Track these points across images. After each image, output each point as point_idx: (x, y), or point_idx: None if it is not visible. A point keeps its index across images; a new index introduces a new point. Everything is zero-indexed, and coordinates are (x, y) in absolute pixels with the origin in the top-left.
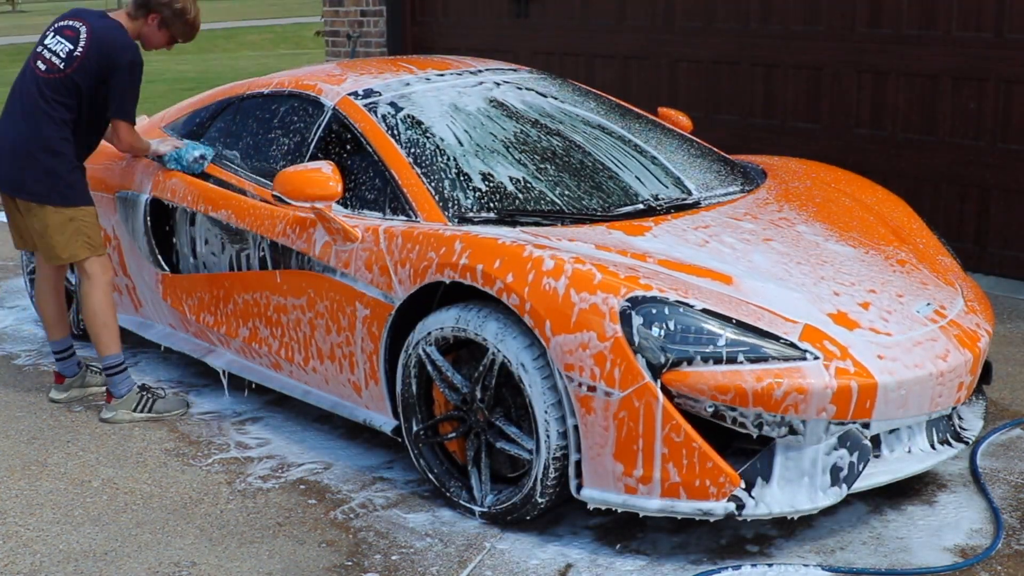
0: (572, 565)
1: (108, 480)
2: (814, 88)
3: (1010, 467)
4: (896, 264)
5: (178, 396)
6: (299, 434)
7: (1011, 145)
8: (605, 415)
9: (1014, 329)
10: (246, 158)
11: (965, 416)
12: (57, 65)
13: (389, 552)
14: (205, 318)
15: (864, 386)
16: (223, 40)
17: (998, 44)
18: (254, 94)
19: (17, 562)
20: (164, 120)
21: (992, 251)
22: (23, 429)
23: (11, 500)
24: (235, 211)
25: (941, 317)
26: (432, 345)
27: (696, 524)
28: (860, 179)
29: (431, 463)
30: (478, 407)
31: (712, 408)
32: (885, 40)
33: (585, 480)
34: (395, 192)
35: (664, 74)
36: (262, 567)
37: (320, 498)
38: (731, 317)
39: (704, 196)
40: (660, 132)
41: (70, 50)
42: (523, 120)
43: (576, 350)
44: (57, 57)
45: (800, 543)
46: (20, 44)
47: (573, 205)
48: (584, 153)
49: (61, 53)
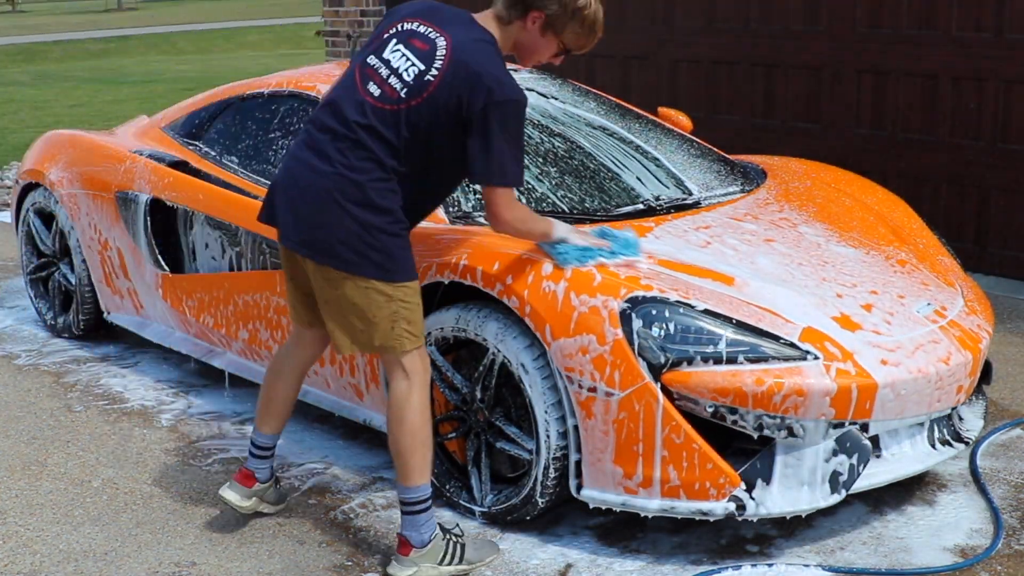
0: (572, 565)
1: (108, 480)
2: (814, 88)
3: (1010, 467)
4: (896, 264)
5: (483, 537)
6: (299, 434)
7: (1011, 145)
8: (605, 416)
9: (1014, 329)
10: (246, 158)
11: (965, 416)
12: (398, 92)
13: (389, 552)
14: (205, 319)
15: (864, 387)
16: (223, 40)
17: (998, 44)
18: (254, 94)
19: (17, 562)
20: (164, 120)
21: (992, 251)
22: (23, 429)
23: (11, 500)
24: (235, 211)
25: (941, 318)
26: (432, 345)
27: (696, 524)
28: (860, 179)
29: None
30: (478, 407)
31: (712, 408)
32: (885, 40)
33: (585, 480)
34: None
35: (664, 74)
36: (262, 567)
37: (320, 498)
38: (731, 318)
39: (705, 196)
40: (660, 132)
41: (420, 72)
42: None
43: (576, 351)
44: (400, 81)
45: (800, 543)
46: (20, 44)
47: (573, 205)
48: (584, 153)
49: (408, 75)
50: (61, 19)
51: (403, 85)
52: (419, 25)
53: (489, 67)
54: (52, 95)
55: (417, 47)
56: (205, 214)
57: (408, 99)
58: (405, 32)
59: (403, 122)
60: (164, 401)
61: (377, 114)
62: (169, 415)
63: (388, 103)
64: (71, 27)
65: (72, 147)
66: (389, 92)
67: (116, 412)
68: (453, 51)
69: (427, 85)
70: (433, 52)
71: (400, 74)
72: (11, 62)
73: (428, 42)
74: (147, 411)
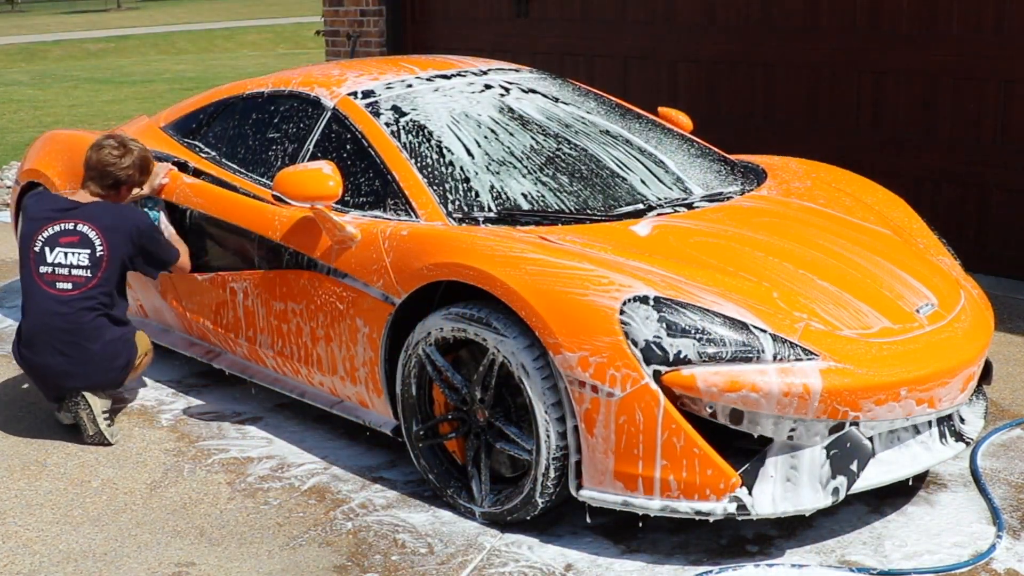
0: (572, 565)
1: (108, 480)
2: (814, 88)
3: (1010, 467)
4: (897, 265)
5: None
6: (299, 434)
7: (1011, 145)
8: (605, 416)
9: (1014, 329)
10: (246, 158)
11: (965, 416)
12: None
13: (389, 552)
14: (205, 319)
15: (865, 387)
16: (223, 40)
17: (998, 44)
18: (254, 94)
19: (17, 562)
20: (164, 120)
21: (992, 251)
22: (23, 429)
23: (11, 500)
24: (235, 211)
25: (942, 318)
26: (432, 345)
27: (696, 524)
28: (860, 179)
29: (431, 463)
30: (478, 407)
31: (712, 408)
32: (885, 40)
33: (585, 480)
34: (395, 192)
35: (664, 74)
36: (262, 567)
37: (320, 498)
38: (732, 318)
39: (705, 196)
40: (660, 132)
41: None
42: (524, 120)
43: (576, 351)
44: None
45: (800, 543)
46: (20, 44)
47: (573, 205)
48: (585, 153)
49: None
50: (61, 19)
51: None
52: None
53: None
54: (52, 95)
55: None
56: (206, 214)
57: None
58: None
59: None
60: (164, 401)
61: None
62: (169, 415)
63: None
64: (71, 27)
65: (72, 147)
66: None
67: (116, 412)
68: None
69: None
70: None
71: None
72: (11, 62)
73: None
74: (147, 411)
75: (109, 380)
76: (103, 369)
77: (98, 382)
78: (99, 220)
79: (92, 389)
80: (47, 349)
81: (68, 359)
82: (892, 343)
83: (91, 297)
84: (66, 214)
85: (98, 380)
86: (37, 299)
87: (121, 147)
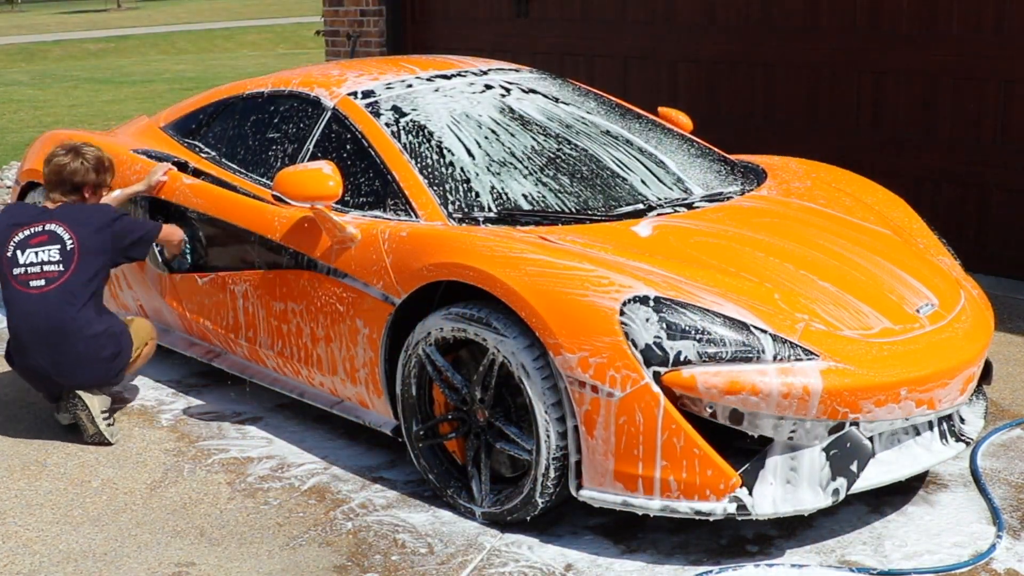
0: (572, 565)
1: (108, 480)
2: (814, 88)
3: (1010, 467)
4: (897, 265)
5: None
6: (299, 434)
7: (1011, 145)
8: (605, 416)
9: (1014, 329)
10: (245, 158)
11: (965, 416)
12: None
13: (389, 552)
14: (205, 319)
15: (864, 387)
16: (223, 40)
17: (998, 44)
18: (254, 94)
19: (17, 562)
20: (164, 120)
21: (992, 251)
22: (23, 429)
23: (11, 500)
24: (235, 211)
25: (942, 318)
26: (432, 345)
27: (696, 524)
28: (860, 179)
29: (431, 463)
30: (478, 407)
31: (712, 409)
32: (885, 40)
33: (585, 480)
34: (395, 192)
35: (664, 74)
36: (262, 567)
37: (320, 498)
38: (732, 318)
39: (705, 196)
40: (660, 132)
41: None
42: (524, 120)
43: (577, 351)
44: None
45: (800, 543)
46: (20, 44)
47: (574, 205)
48: (585, 153)
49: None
50: (61, 19)
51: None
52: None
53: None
54: (52, 95)
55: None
56: (206, 214)
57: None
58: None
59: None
60: (164, 401)
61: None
62: (169, 415)
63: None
64: (71, 27)
65: None
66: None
67: (116, 412)
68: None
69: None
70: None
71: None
72: (11, 62)
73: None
74: (147, 411)
75: (100, 375)
76: (90, 364)
77: (89, 378)
78: (66, 217)
79: (85, 387)
80: (33, 350)
81: (54, 357)
82: (892, 343)
83: (67, 291)
84: (36, 219)
85: (88, 376)
86: (16, 302)
87: (71, 152)
